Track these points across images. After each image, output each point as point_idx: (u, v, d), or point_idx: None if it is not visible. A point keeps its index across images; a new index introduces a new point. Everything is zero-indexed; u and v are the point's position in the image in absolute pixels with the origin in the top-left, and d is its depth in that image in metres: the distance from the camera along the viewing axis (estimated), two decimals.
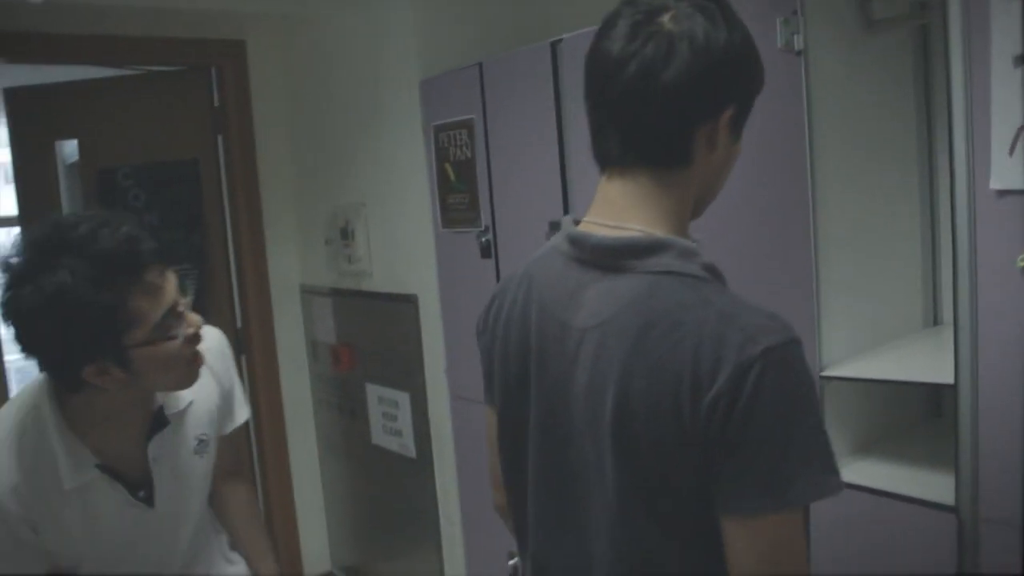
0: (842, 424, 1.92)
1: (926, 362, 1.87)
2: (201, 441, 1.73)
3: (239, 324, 3.81)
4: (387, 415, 3.33)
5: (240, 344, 3.79)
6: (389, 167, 3.14)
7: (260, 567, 1.94)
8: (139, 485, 1.61)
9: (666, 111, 1.09)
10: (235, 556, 1.95)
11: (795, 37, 1.76)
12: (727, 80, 1.11)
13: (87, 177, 3.80)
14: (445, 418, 3.03)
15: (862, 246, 1.97)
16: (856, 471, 1.86)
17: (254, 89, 3.70)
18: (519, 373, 1.25)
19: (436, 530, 3.19)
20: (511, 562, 2.72)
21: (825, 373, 1.84)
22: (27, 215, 3.70)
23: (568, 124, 2.38)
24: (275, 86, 3.74)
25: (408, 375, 3.17)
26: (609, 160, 1.17)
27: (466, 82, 2.68)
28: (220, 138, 3.74)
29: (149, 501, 1.62)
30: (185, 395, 1.67)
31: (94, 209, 3.88)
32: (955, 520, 1.63)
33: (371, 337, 3.40)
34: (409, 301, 3.11)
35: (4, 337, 3.50)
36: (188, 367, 1.54)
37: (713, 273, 1.11)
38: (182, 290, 1.52)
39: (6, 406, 1.58)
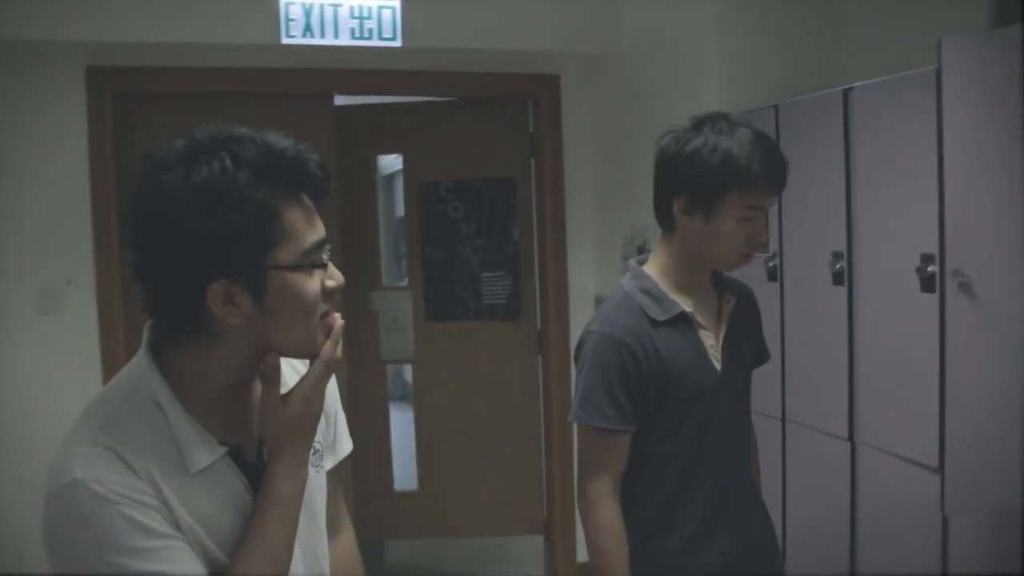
0: None
1: None
2: (315, 451, 1.40)
3: (539, 326, 4.29)
4: None
5: (540, 343, 4.28)
6: None
7: None
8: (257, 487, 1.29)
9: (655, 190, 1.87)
10: None
11: None
12: (674, 177, 1.81)
13: (410, 188, 4.38)
14: None
15: None
16: None
17: (565, 117, 4.18)
18: None
19: None
20: None
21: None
22: (348, 221, 4.17)
23: (854, 163, 2.58)
24: (583, 115, 4.20)
25: None
26: None
27: (762, 121, 2.90)
28: (533, 161, 4.26)
29: None
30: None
31: (415, 215, 4.27)
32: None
33: None
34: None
35: None
36: (319, 327, 1.24)
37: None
38: None
39: (95, 399, 1.25)
